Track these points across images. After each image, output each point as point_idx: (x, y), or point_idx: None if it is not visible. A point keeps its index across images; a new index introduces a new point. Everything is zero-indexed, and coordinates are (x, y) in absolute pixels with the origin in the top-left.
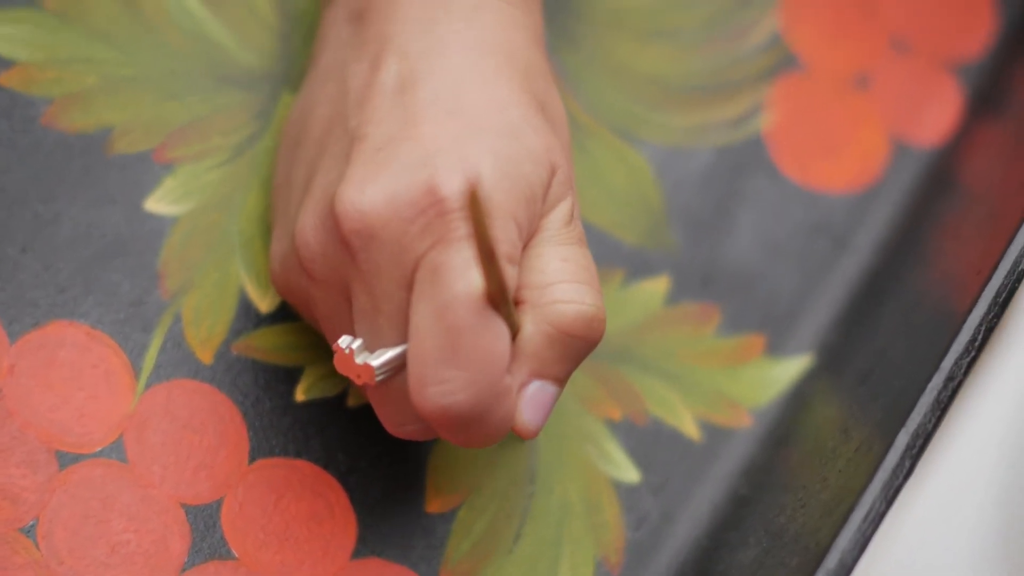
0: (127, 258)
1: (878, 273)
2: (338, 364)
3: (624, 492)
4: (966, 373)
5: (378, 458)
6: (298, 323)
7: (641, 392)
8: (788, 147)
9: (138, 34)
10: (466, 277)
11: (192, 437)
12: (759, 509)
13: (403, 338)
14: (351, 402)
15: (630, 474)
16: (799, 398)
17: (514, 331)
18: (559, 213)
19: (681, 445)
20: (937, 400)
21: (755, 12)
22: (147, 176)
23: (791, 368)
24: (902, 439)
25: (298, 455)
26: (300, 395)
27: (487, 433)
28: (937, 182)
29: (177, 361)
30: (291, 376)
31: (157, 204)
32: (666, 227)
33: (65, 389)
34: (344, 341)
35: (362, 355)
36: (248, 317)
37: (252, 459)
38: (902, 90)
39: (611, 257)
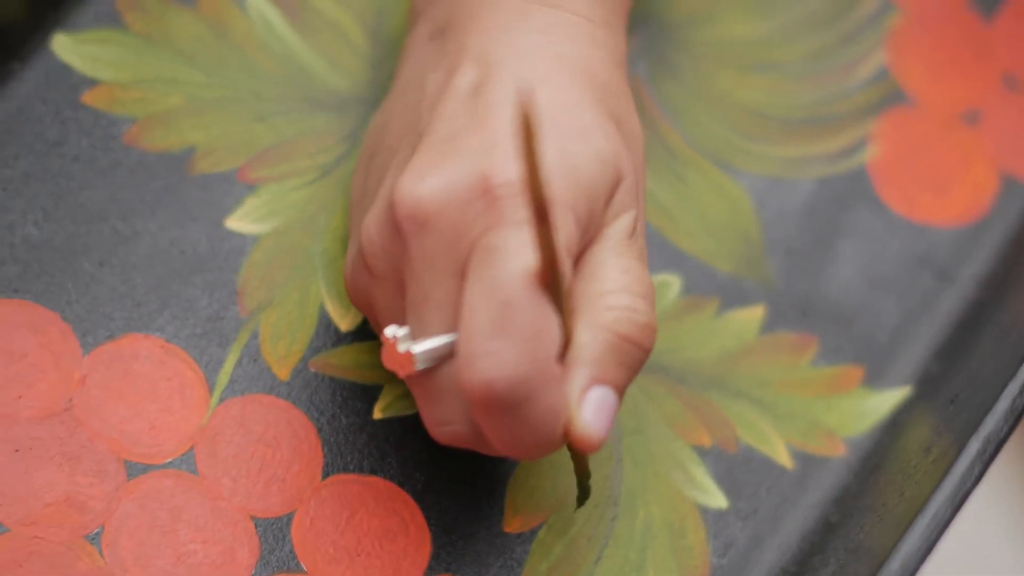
0: (206, 275)
1: (980, 305)
2: (384, 357)
3: (711, 517)
4: None
5: (456, 477)
6: (378, 341)
7: (732, 419)
8: (893, 180)
9: (225, 57)
10: (521, 255)
11: (265, 451)
12: (843, 532)
13: (450, 328)
14: None
15: (718, 500)
16: (894, 426)
17: (566, 331)
18: (622, 224)
19: (773, 473)
20: (1012, 407)
21: (861, 48)
22: (229, 195)
23: (889, 400)
24: (973, 445)
25: (373, 472)
26: (378, 413)
27: (534, 424)
28: None
29: (253, 376)
30: (369, 394)
31: (239, 223)
32: (764, 257)
33: (138, 401)
34: (390, 331)
35: (405, 343)
36: (328, 335)
37: (326, 474)
38: (1013, 127)
39: (706, 285)
